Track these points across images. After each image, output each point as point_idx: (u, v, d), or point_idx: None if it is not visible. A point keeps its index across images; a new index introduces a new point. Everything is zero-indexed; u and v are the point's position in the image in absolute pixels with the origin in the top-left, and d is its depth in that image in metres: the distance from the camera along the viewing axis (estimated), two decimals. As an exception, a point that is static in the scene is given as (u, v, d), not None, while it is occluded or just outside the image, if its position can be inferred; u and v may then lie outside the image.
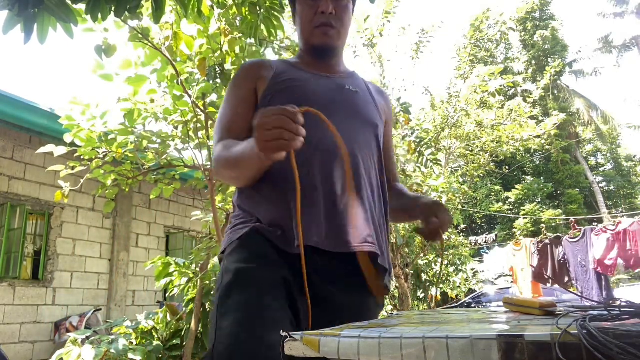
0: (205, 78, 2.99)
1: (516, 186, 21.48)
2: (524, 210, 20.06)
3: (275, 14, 2.48)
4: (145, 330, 3.71)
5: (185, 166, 3.58)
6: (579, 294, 7.02)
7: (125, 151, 3.45)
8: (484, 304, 10.73)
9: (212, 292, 3.35)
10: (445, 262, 11.97)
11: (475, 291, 12.96)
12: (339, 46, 1.27)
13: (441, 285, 12.37)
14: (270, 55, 3.51)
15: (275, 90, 1.18)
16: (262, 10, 2.45)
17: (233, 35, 2.80)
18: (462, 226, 14.15)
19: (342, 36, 1.26)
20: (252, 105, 1.20)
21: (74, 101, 3.28)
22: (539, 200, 20.90)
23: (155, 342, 3.57)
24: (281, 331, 0.61)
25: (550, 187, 21.43)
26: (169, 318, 3.80)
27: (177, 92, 3.19)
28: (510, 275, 10.43)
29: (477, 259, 16.31)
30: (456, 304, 11.06)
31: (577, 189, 22.33)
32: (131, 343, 3.49)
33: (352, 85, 1.27)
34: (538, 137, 9.73)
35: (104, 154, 3.43)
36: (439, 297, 12.65)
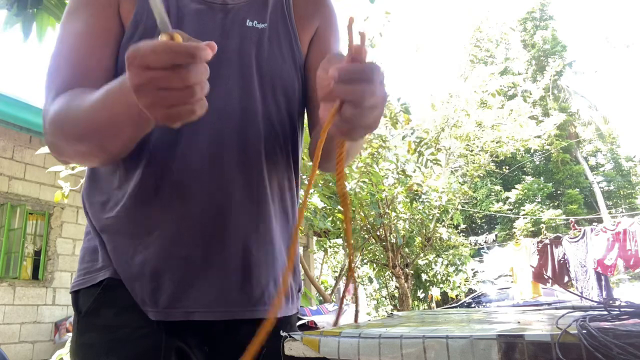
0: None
1: (516, 186, 21.48)
2: (524, 210, 20.06)
3: None
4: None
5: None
6: (579, 294, 7.02)
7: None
8: (484, 304, 10.72)
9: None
10: (445, 262, 11.98)
11: (475, 291, 12.96)
12: None
13: (441, 285, 12.38)
14: None
15: (143, 24, 0.75)
16: None
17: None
18: (462, 226, 14.16)
19: None
20: (114, 38, 0.75)
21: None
22: (539, 200, 20.90)
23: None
24: (281, 331, 0.61)
25: (550, 187, 21.43)
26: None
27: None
28: (510, 275, 10.43)
29: (477, 259, 16.31)
30: (456, 304, 11.05)
31: (577, 189, 22.33)
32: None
33: (257, 16, 0.83)
34: (538, 137, 9.74)
35: (104, 154, 3.42)
36: (439, 297, 12.66)
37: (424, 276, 12.39)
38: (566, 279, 7.54)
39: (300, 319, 3.67)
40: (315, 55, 0.88)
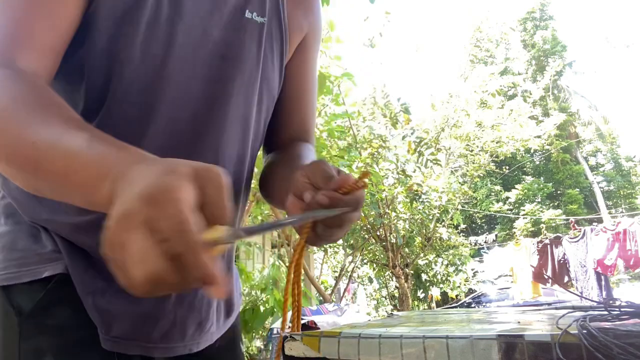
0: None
1: (516, 186, 21.47)
2: (524, 210, 20.06)
3: None
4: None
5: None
6: (579, 294, 7.02)
7: None
8: (484, 304, 10.72)
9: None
10: (445, 262, 11.98)
11: (475, 291, 12.96)
12: None
13: (441, 285, 12.38)
14: None
15: (122, 2, 0.58)
16: None
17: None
18: (462, 226, 14.16)
19: None
20: (74, 6, 0.56)
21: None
22: (539, 200, 20.89)
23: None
24: (281, 331, 0.60)
25: (550, 187, 21.43)
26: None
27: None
28: (510, 275, 10.43)
29: (477, 259, 16.31)
30: (456, 304, 11.05)
31: (577, 189, 22.33)
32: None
33: (258, 10, 0.70)
34: (538, 137, 9.74)
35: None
36: (439, 297, 12.65)
37: (424, 276, 12.39)
38: (566, 279, 7.54)
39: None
40: (295, 67, 0.79)
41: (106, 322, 0.58)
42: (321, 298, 6.33)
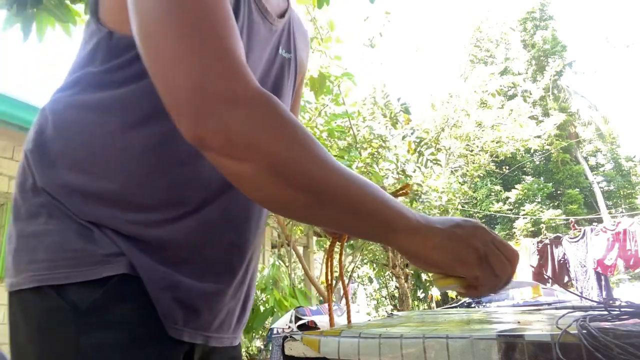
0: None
1: (516, 186, 21.47)
2: (524, 210, 20.06)
3: None
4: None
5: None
6: (579, 294, 7.02)
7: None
8: (484, 304, 10.71)
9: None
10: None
11: (475, 291, 12.94)
12: None
13: (441, 285, 12.35)
14: None
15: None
16: None
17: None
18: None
19: None
20: None
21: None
22: (539, 200, 20.89)
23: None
24: (281, 331, 0.60)
25: (550, 187, 21.43)
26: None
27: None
28: (510, 275, 10.40)
29: (477, 259, 16.27)
30: (456, 304, 11.04)
31: (577, 189, 22.32)
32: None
33: (286, 45, 0.81)
34: (538, 137, 9.74)
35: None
36: (439, 297, 12.65)
37: (424, 276, 12.39)
38: (566, 279, 7.54)
39: (299, 319, 3.67)
40: (295, 95, 0.88)
41: (180, 313, 0.62)
42: (321, 298, 6.32)
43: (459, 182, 9.14)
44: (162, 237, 0.62)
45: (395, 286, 9.16)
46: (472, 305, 10.89)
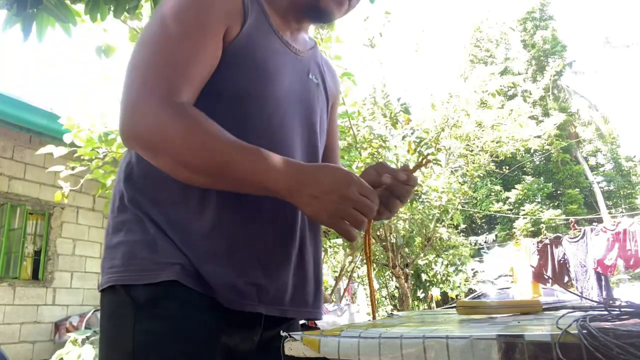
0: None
1: (516, 186, 21.48)
2: (524, 210, 20.06)
3: None
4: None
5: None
6: (579, 294, 7.02)
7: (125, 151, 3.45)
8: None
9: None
10: (445, 262, 11.98)
11: (475, 291, 12.96)
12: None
13: (441, 285, 12.37)
14: None
15: (233, 56, 0.80)
16: None
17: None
18: (462, 226, 14.16)
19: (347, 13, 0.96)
20: (217, 53, 0.79)
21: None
22: (539, 200, 20.89)
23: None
24: (281, 331, 0.61)
25: (550, 187, 21.43)
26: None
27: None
28: (510, 275, 10.43)
29: (477, 259, 16.32)
30: (456, 304, 11.01)
31: (577, 189, 22.33)
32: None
33: (314, 72, 0.97)
34: (538, 137, 9.73)
35: (104, 154, 3.43)
36: (439, 297, 12.65)
37: (423, 276, 12.40)
38: (566, 279, 7.54)
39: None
40: (331, 122, 1.07)
41: (252, 291, 0.78)
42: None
43: (459, 182, 9.13)
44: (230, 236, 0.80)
45: (395, 286, 9.16)
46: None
